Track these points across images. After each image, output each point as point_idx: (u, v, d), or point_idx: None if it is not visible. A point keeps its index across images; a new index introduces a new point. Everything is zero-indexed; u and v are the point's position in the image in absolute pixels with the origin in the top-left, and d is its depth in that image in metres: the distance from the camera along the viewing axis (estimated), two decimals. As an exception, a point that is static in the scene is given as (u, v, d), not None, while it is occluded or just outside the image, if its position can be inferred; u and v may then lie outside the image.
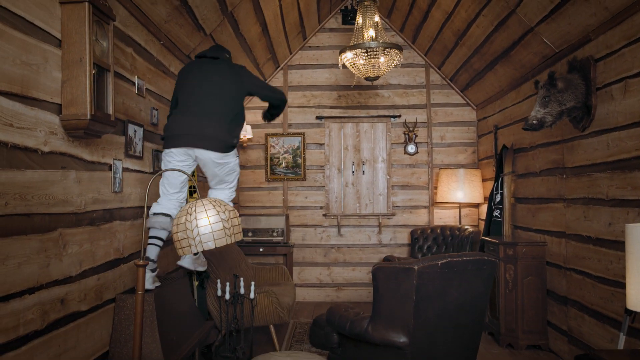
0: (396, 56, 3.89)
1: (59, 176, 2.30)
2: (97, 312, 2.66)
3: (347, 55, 3.94)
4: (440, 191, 5.71)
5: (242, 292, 3.35)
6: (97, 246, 2.66)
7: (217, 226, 2.05)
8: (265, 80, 6.19)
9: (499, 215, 4.95)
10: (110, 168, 2.83)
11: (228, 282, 3.44)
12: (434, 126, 6.13)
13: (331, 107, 6.20)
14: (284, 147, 6.16)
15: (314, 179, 6.18)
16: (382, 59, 3.88)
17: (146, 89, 3.38)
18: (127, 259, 3.04)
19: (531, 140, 4.44)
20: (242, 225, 5.59)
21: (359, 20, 4.07)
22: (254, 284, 3.50)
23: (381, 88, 6.14)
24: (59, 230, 2.30)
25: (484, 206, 5.58)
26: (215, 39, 4.30)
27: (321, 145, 6.17)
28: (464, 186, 5.55)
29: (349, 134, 6.18)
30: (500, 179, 4.98)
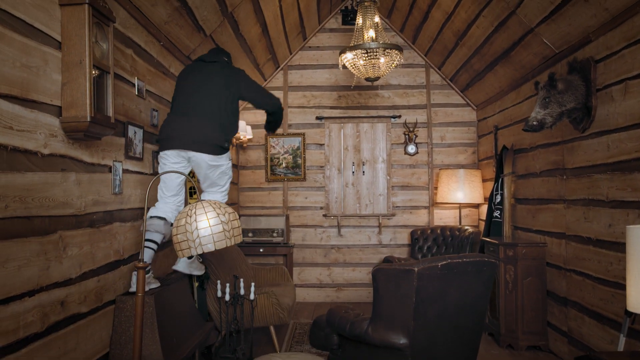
0: (396, 57, 3.88)
1: (59, 178, 2.30)
2: (97, 313, 2.66)
3: (347, 56, 3.94)
4: (441, 191, 5.71)
5: (242, 293, 3.35)
6: (97, 248, 2.67)
7: (216, 228, 2.05)
8: (266, 80, 6.19)
9: (499, 216, 4.95)
10: (110, 170, 2.83)
11: (228, 283, 3.44)
12: (434, 126, 6.13)
13: (331, 108, 6.19)
14: (284, 147, 6.16)
15: (314, 179, 6.17)
16: (382, 59, 3.88)
17: (146, 90, 3.38)
18: (127, 260, 3.04)
19: (531, 141, 4.44)
20: (242, 225, 5.60)
21: (359, 20, 4.07)
22: (254, 284, 3.50)
23: (381, 88, 6.14)
24: (59, 232, 2.30)
25: (484, 207, 5.58)
26: (215, 39, 4.29)
27: (321, 146, 6.17)
28: (464, 187, 5.55)
29: (349, 134, 6.18)
30: (500, 180, 4.98)
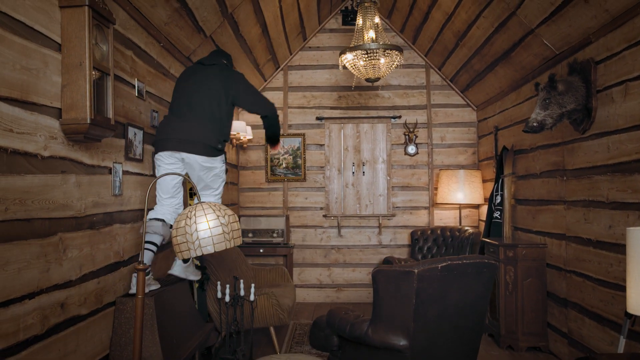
0: (396, 57, 3.88)
1: (59, 180, 2.30)
2: (97, 315, 2.66)
3: (348, 57, 3.94)
4: (441, 192, 5.70)
5: (242, 294, 3.35)
6: (97, 250, 2.67)
7: (216, 230, 2.06)
8: (266, 80, 6.19)
9: (499, 217, 4.95)
10: (110, 171, 2.83)
11: (228, 284, 3.44)
12: (434, 127, 6.13)
13: (331, 108, 6.19)
14: (284, 147, 6.15)
15: (314, 179, 6.17)
16: (382, 60, 3.88)
17: (146, 91, 3.38)
18: (127, 262, 3.04)
19: (531, 141, 4.44)
20: (242, 225, 5.61)
21: (359, 21, 4.07)
22: (254, 285, 3.50)
23: (381, 89, 6.13)
24: (59, 234, 2.30)
25: (484, 207, 5.58)
26: (215, 40, 4.29)
27: (321, 146, 6.17)
28: (464, 187, 5.55)
29: (349, 134, 6.17)
30: (500, 181, 4.97)
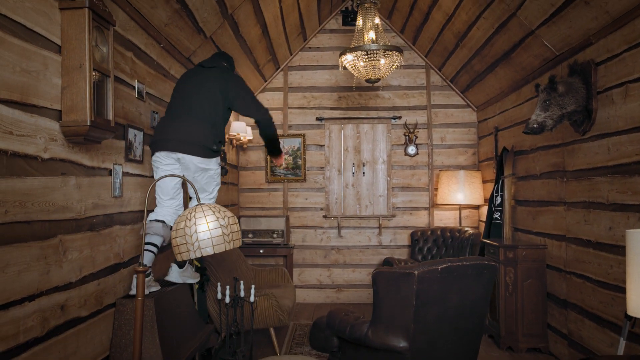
0: (397, 58, 3.88)
1: (59, 182, 2.30)
2: (97, 317, 2.66)
3: (348, 58, 3.94)
4: (441, 193, 5.70)
5: (242, 295, 3.35)
6: (97, 251, 2.67)
7: (216, 232, 2.05)
8: (266, 81, 6.19)
9: (499, 218, 4.95)
10: (110, 173, 2.83)
11: (228, 285, 3.44)
12: (434, 127, 6.13)
13: (331, 109, 6.19)
14: (284, 148, 6.15)
15: (314, 180, 6.17)
16: (382, 61, 3.88)
17: (146, 92, 3.38)
18: (127, 263, 3.04)
19: (532, 142, 4.44)
20: (242, 226, 5.61)
21: (360, 21, 4.07)
22: (254, 286, 3.50)
23: (382, 89, 6.13)
24: (59, 236, 2.30)
25: (484, 208, 5.58)
26: (215, 41, 4.29)
27: (321, 147, 6.17)
28: (464, 188, 5.54)
29: (349, 135, 6.17)
30: (500, 181, 4.97)
